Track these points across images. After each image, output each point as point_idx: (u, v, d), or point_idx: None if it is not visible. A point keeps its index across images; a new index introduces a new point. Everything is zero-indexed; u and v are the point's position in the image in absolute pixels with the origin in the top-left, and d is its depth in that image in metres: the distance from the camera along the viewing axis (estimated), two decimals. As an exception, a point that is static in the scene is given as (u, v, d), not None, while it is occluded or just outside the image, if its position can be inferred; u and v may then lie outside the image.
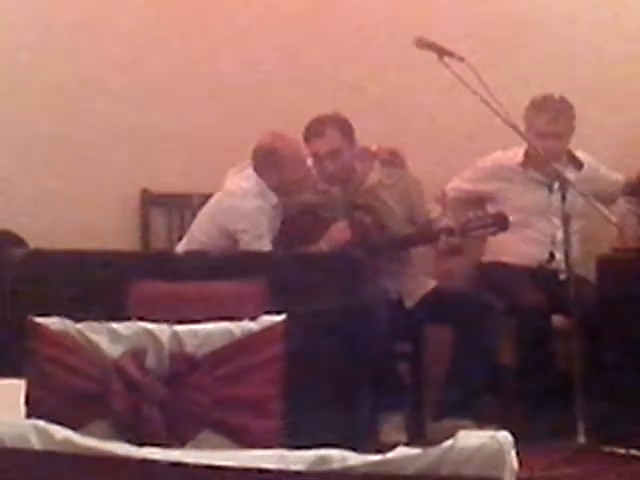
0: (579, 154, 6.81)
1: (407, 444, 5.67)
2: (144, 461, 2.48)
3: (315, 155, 6.42)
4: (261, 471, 2.52)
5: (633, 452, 5.64)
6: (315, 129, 6.38)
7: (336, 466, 2.56)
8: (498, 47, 6.97)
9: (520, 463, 2.67)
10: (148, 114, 7.06)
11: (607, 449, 5.68)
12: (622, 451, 5.66)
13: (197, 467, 2.50)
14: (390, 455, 2.58)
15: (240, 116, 6.90)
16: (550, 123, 6.64)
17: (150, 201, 7.05)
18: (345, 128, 6.38)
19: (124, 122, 7.04)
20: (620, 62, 7.28)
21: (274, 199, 6.41)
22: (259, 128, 6.51)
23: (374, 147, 6.59)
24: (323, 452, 2.58)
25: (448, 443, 2.59)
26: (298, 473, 2.54)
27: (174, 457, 2.52)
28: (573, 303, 5.89)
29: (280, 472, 2.54)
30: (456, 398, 6.19)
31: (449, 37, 6.05)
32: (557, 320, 6.31)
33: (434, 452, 2.58)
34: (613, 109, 7.17)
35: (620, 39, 7.28)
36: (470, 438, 2.60)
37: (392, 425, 6.17)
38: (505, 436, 2.57)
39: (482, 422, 6.00)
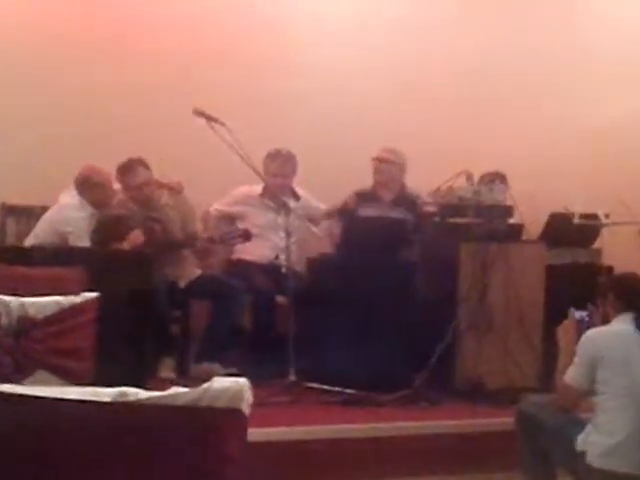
0: (298, 190, 6.86)
1: (176, 380, 5.74)
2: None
3: (129, 184, 6.33)
4: (80, 401, 2.51)
5: (323, 387, 5.72)
6: (129, 167, 6.30)
7: (131, 398, 2.55)
8: (247, 115, 6.79)
9: (252, 393, 2.69)
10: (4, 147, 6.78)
11: (308, 384, 5.73)
12: (317, 385, 5.73)
13: (38, 398, 2.47)
14: (167, 392, 2.59)
15: (68, 152, 6.68)
16: (280, 168, 6.69)
17: (6, 210, 6.82)
18: (147, 166, 6.33)
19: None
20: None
21: (91, 210, 6.32)
22: (81, 161, 6.40)
23: (164, 180, 6.52)
24: (123, 389, 2.57)
25: (207, 384, 2.60)
26: (106, 403, 2.52)
27: (20, 391, 2.48)
28: (290, 288, 5.95)
29: (93, 402, 2.52)
30: (210, 349, 6.20)
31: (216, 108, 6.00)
32: (279, 299, 6.32)
33: (197, 390, 2.59)
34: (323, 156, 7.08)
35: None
36: (221, 381, 2.61)
37: (167, 366, 6.16)
38: (244, 381, 2.59)
39: (228, 365, 6.04)
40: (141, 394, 2.57)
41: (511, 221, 6.27)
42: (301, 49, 7.29)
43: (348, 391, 5.66)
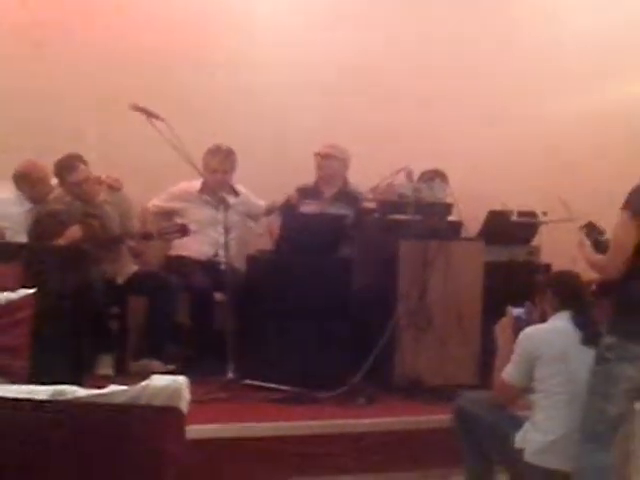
0: (238, 186, 6.83)
1: (114, 377, 5.71)
2: None
3: (69, 181, 6.27)
4: (17, 399, 2.48)
5: (261, 384, 5.73)
6: (70, 163, 6.25)
7: (69, 396, 2.54)
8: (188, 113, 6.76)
9: (190, 390, 2.69)
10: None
11: (246, 382, 5.75)
12: (256, 383, 5.75)
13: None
14: (105, 390, 2.57)
15: (3, 146, 6.59)
16: (220, 163, 6.65)
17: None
18: (85, 162, 6.28)
19: None
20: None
21: (28, 205, 6.26)
22: (17, 155, 6.35)
23: (104, 177, 6.47)
24: (59, 387, 2.55)
25: (145, 382, 2.59)
26: (43, 401, 2.50)
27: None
28: (229, 284, 5.95)
29: (29, 400, 2.50)
30: (149, 345, 6.19)
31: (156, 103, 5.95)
32: (217, 296, 6.30)
33: (135, 388, 2.58)
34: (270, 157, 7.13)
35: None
36: (160, 379, 2.60)
37: (104, 363, 6.13)
38: (183, 379, 2.59)
39: (167, 362, 6.02)
40: (78, 392, 2.55)
41: (450, 218, 6.31)
42: (244, 45, 7.25)
43: (286, 388, 5.67)
